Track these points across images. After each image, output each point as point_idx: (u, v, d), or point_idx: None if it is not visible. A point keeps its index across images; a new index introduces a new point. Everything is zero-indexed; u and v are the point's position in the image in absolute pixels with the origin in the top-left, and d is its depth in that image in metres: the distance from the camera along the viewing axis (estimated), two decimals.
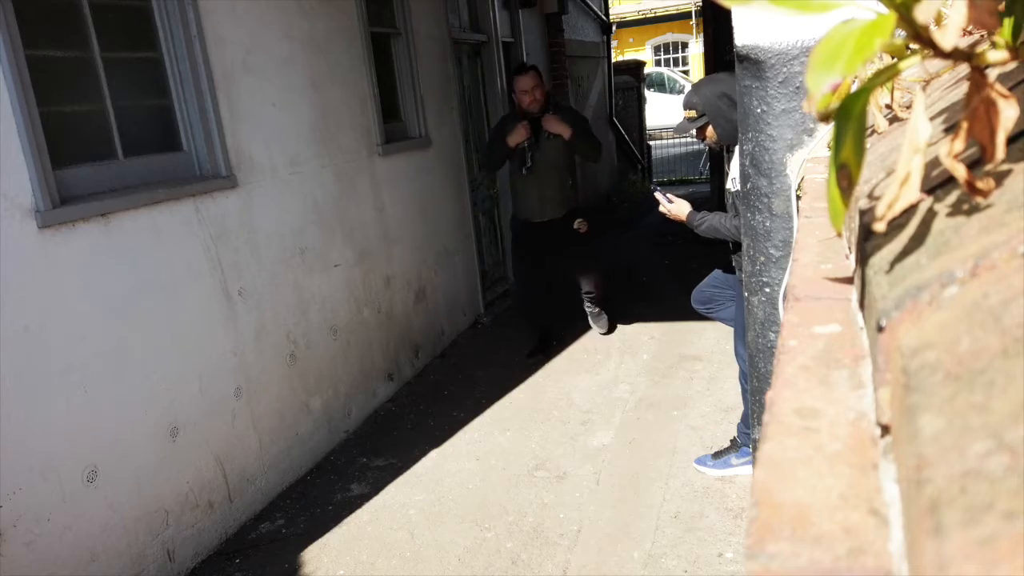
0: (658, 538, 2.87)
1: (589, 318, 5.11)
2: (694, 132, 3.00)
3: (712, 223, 3.03)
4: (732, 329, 3.38)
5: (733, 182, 2.97)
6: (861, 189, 0.65)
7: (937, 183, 0.51)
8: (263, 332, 3.38)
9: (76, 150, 2.65)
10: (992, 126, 0.41)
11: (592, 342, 4.99)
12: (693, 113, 2.93)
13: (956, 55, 0.41)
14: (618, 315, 5.36)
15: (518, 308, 5.45)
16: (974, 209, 0.43)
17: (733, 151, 2.95)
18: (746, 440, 3.23)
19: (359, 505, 3.31)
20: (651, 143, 12.88)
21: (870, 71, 0.80)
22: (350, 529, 3.15)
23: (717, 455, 3.30)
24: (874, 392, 0.40)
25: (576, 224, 4.64)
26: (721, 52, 7.06)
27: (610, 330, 5.08)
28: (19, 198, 2.33)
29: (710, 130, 2.94)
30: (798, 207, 1.27)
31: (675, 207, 3.14)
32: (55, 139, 2.49)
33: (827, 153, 1.31)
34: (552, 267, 4.89)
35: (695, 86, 3.02)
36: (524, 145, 4.46)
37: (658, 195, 3.20)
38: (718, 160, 7.80)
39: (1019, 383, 0.28)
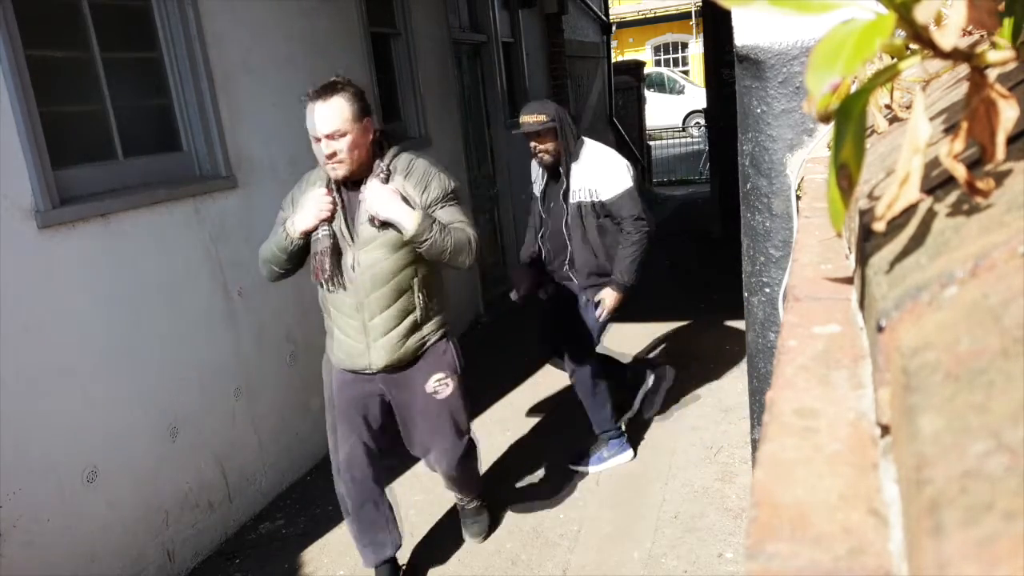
0: (658, 538, 2.87)
1: (462, 522, 3.02)
2: (535, 144, 3.15)
3: (635, 261, 3.19)
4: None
5: (582, 192, 3.15)
6: (861, 189, 0.65)
7: (937, 183, 0.51)
8: (263, 332, 3.38)
9: (76, 150, 2.65)
10: (992, 126, 0.41)
11: None
12: (543, 118, 3.07)
13: (956, 55, 0.41)
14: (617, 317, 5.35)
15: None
16: (974, 209, 0.43)
17: (570, 165, 3.16)
18: (607, 427, 3.41)
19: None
20: (651, 143, 12.89)
21: (870, 71, 0.80)
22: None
23: (585, 454, 3.46)
24: (874, 392, 0.40)
25: (433, 384, 2.48)
26: (721, 52, 7.06)
27: (488, 533, 3.02)
28: (19, 198, 2.33)
29: (553, 144, 3.12)
30: (798, 207, 1.27)
31: (608, 300, 3.25)
32: (55, 139, 2.49)
33: (827, 153, 1.31)
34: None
35: (543, 102, 3.29)
36: (321, 237, 2.27)
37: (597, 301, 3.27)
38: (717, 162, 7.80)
39: (1019, 383, 0.28)
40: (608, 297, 3.21)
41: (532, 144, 3.16)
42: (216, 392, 3.09)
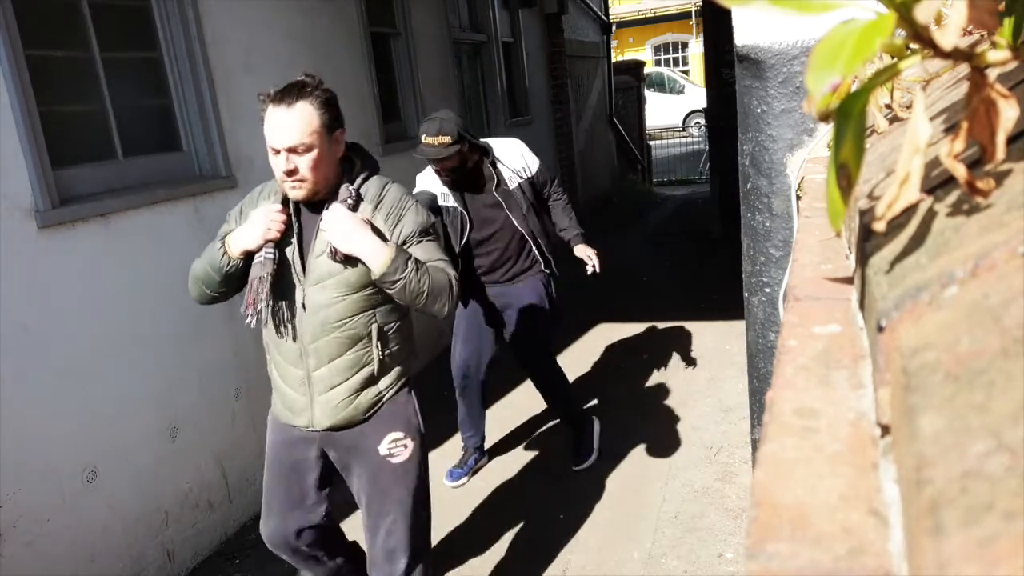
0: (658, 538, 2.87)
1: None
2: (439, 167, 2.94)
3: (573, 213, 3.38)
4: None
5: (519, 173, 3.18)
6: (861, 189, 0.65)
7: (937, 183, 0.51)
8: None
9: (76, 150, 2.65)
10: (992, 126, 0.41)
11: (590, 343, 4.98)
12: (448, 140, 2.85)
13: (956, 55, 0.41)
14: (617, 317, 5.36)
15: None
16: (974, 209, 0.43)
17: (496, 157, 3.12)
18: (577, 416, 3.56)
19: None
20: (651, 143, 12.91)
21: (870, 71, 0.80)
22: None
23: (578, 451, 3.53)
24: (874, 392, 0.40)
25: (387, 446, 2.06)
26: (721, 52, 7.06)
27: None
28: (19, 198, 2.33)
29: (456, 164, 2.95)
30: (798, 207, 1.27)
31: (588, 250, 3.34)
32: (55, 139, 2.49)
33: (827, 153, 1.31)
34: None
35: (441, 117, 2.95)
36: (263, 260, 1.90)
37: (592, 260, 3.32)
38: (715, 161, 7.81)
39: (1019, 383, 0.28)
40: (587, 250, 3.32)
41: (436, 168, 2.96)
42: (216, 392, 3.09)
